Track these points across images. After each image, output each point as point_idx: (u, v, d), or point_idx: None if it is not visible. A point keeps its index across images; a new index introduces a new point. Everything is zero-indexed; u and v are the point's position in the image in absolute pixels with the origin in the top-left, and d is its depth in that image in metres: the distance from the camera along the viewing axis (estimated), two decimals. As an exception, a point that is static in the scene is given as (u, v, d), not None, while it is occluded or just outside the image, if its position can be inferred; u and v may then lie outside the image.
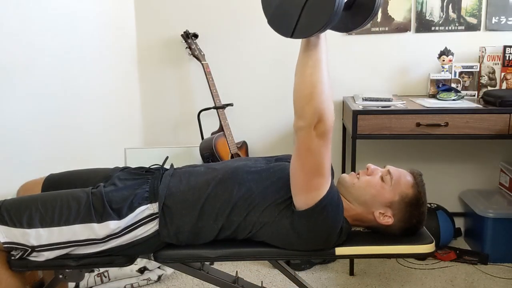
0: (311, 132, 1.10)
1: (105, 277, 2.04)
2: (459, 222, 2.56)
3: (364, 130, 2.06)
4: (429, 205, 2.40)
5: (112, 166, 1.52)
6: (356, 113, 2.05)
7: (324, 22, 0.96)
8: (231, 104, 2.56)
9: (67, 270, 1.30)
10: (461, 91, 2.33)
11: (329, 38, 2.72)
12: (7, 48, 1.66)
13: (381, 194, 1.29)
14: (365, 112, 2.06)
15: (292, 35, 1.00)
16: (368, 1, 1.10)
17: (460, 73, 2.39)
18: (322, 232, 1.21)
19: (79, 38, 2.12)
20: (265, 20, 1.08)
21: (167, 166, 1.46)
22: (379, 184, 1.30)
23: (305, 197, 1.18)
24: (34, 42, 1.80)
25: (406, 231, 1.31)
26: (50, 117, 1.91)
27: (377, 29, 2.52)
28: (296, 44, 1.16)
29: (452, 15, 2.46)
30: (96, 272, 2.03)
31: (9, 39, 1.66)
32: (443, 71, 2.39)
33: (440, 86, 2.36)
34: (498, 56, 2.33)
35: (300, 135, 1.12)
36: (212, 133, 2.47)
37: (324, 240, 1.23)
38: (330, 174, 1.20)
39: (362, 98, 2.26)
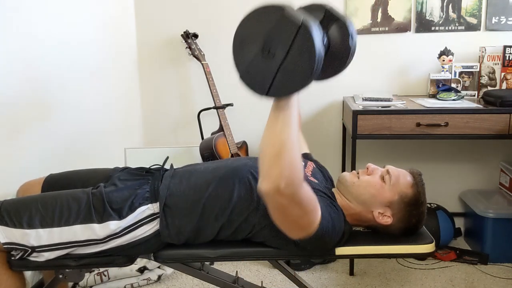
0: (278, 196, 0.99)
1: (105, 276, 2.04)
2: (459, 222, 2.56)
3: (364, 130, 2.06)
4: (429, 205, 2.41)
5: (112, 166, 1.52)
6: (356, 113, 2.05)
7: (301, 84, 0.88)
8: (231, 104, 2.56)
9: (67, 270, 1.30)
10: (461, 91, 2.33)
11: (329, 38, 2.70)
12: (7, 48, 1.66)
13: (380, 193, 1.29)
14: (365, 112, 2.06)
15: (266, 95, 0.91)
16: (341, 53, 1.06)
17: (460, 73, 2.39)
18: (324, 245, 1.21)
19: (79, 38, 2.12)
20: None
21: (167, 166, 1.46)
22: (378, 184, 1.30)
23: (296, 235, 1.16)
24: (34, 42, 1.80)
25: (405, 231, 1.31)
26: (50, 117, 1.91)
27: (377, 29, 2.52)
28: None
29: (452, 15, 2.46)
30: (96, 272, 2.03)
31: (8, 39, 1.66)
32: (443, 71, 2.39)
33: (440, 86, 2.36)
34: (498, 56, 2.33)
35: (268, 200, 1.03)
36: (212, 133, 2.47)
37: (326, 249, 1.23)
38: (315, 208, 1.12)
39: (362, 98, 2.26)
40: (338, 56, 1.06)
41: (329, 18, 1.03)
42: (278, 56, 0.86)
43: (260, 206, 1.22)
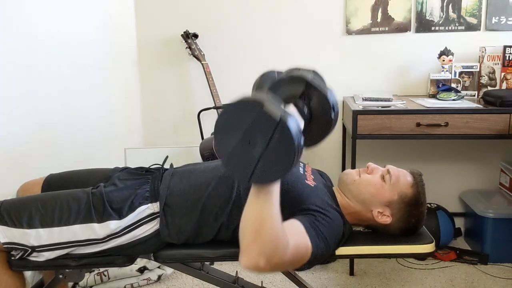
0: (258, 271, 0.97)
1: (105, 276, 2.04)
2: (459, 222, 2.56)
3: (364, 130, 2.06)
4: (429, 205, 2.40)
5: (112, 166, 1.52)
6: (356, 113, 2.05)
7: (281, 173, 0.92)
8: (231, 104, 2.55)
9: (67, 270, 1.30)
10: (461, 91, 2.33)
11: (329, 38, 2.72)
12: (7, 48, 1.66)
13: (380, 193, 1.29)
14: (365, 112, 2.06)
15: (248, 182, 0.94)
16: (324, 123, 1.09)
17: (460, 73, 2.39)
18: (321, 259, 1.18)
19: (79, 38, 2.12)
20: (265, 20, 1.07)
21: (167, 165, 1.46)
22: (379, 183, 1.30)
23: (291, 269, 1.15)
24: (34, 42, 1.80)
25: (405, 231, 1.31)
26: (50, 117, 1.91)
27: (377, 29, 2.52)
28: (296, 45, 1.16)
29: (452, 15, 2.46)
30: (96, 272, 2.03)
31: (8, 39, 1.66)
32: (443, 71, 2.39)
33: (440, 86, 2.36)
34: (498, 56, 2.33)
35: (250, 270, 0.99)
36: (212, 133, 2.47)
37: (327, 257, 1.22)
38: (305, 253, 1.08)
39: (362, 98, 2.26)
40: (321, 126, 1.09)
41: (309, 90, 1.07)
42: (258, 147, 0.90)
43: None
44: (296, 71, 1.11)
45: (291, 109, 1.03)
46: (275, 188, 0.98)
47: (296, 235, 1.06)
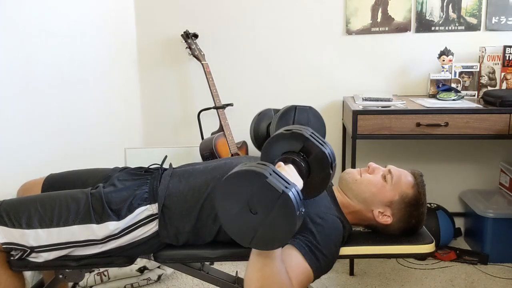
0: None
1: (105, 276, 2.04)
2: (459, 222, 2.56)
3: (364, 130, 2.06)
4: (429, 205, 2.40)
5: (112, 166, 1.52)
6: (356, 113, 2.05)
7: (282, 241, 0.96)
8: (231, 104, 2.56)
9: (67, 270, 1.30)
10: (461, 91, 2.33)
11: (329, 38, 2.72)
12: (7, 47, 1.66)
13: (381, 193, 1.29)
14: (365, 112, 2.06)
15: (249, 246, 0.98)
16: (323, 178, 1.12)
17: (460, 73, 2.38)
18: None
19: (79, 38, 2.12)
20: (265, 20, 1.08)
21: (166, 165, 1.46)
22: (380, 183, 1.30)
23: None
24: (34, 42, 1.80)
25: (405, 231, 1.31)
26: (50, 117, 1.91)
27: (377, 29, 2.52)
28: (296, 44, 1.16)
29: (452, 15, 2.46)
30: (96, 272, 2.03)
31: (8, 39, 1.66)
32: (443, 71, 2.39)
33: (440, 86, 2.35)
34: (498, 56, 2.33)
35: None
36: (212, 133, 2.47)
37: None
38: (308, 279, 1.11)
39: (362, 98, 2.26)
40: (320, 179, 1.12)
41: (308, 147, 1.11)
42: (259, 216, 0.93)
43: None
44: (295, 127, 1.15)
45: (291, 168, 1.06)
46: (278, 251, 1.03)
47: (296, 269, 1.09)
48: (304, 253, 1.12)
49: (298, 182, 1.03)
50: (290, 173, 1.03)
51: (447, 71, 2.39)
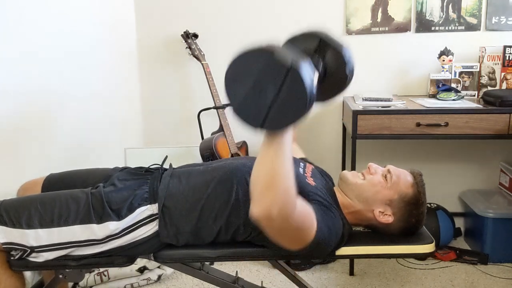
0: (269, 222, 0.98)
1: (105, 276, 2.04)
2: (459, 222, 2.56)
3: (364, 130, 2.06)
4: (429, 205, 2.41)
5: (112, 166, 1.52)
6: (356, 113, 2.05)
7: (295, 119, 0.90)
8: (231, 104, 2.55)
9: (67, 270, 1.30)
10: (461, 91, 2.33)
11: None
12: (7, 48, 1.66)
13: (381, 192, 1.29)
14: (365, 112, 2.06)
15: (261, 127, 0.93)
16: (339, 80, 1.07)
17: (460, 73, 2.39)
18: (321, 251, 1.20)
19: (79, 38, 2.12)
20: (264, 20, 1.07)
21: (166, 165, 1.46)
22: (380, 183, 1.30)
23: (292, 248, 1.14)
24: (34, 42, 1.80)
25: (405, 231, 1.31)
26: (50, 117, 1.91)
27: (377, 29, 2.52)
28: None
29: (452, 15, 2.46)
30: (96, 272, 2.03)
31: (8, 38, 1.67)
32: (443, 71, 2.39)
33: (440, 86, 2.36)
34: (498, 56, 2.33)
35: (262, 225, 1.01)
36: (212, 133, 2.47)
37: (324, 253, 1.23)
38: (310, 225, 1.10)
39: (362, 98, 2.26)
40: (336, 82, 1.07)
41: (324, 45, 1.04)
42: (269, 95, 0.89)
43: None
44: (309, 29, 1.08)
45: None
46: (287, 139, 0.98)
47: (305, 206, 1.09)
48: (314, 209, 1.13)
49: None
50: None
51: (447, 71, 2.39)
